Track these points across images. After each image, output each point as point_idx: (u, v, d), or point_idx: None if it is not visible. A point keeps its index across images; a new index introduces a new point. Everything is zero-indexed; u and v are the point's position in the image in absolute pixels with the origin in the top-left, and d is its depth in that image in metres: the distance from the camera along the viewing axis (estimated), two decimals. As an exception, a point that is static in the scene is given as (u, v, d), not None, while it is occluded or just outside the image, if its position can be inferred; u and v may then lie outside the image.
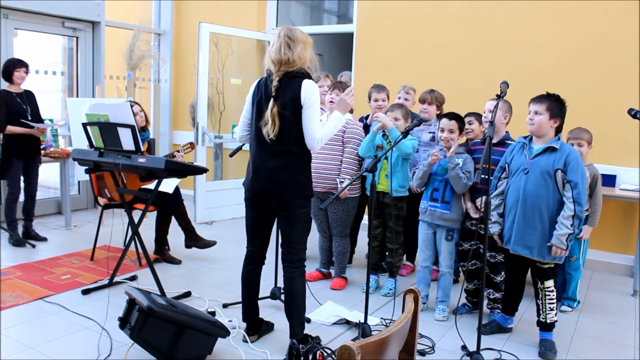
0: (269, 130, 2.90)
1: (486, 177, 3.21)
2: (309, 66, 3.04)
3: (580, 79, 4.99)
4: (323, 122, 3.05)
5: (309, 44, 3.01)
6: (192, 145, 4.99)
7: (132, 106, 4.72)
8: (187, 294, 4.00)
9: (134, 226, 3.97)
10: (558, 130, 3.23)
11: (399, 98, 4.60)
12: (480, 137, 3.90)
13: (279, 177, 2.98)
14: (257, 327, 3.34)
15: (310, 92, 2.91)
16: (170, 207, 4.74)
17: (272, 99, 2.92)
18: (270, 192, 3.02)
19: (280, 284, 3.80)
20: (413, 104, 4.63)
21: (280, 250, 3.28)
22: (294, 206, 3.01)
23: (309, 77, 2.97)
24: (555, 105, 3.18)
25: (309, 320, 3.52)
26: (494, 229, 3.39)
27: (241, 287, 3.29)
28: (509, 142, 3.62)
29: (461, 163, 3.64)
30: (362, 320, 3.40)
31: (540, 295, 3.32)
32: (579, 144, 3.96)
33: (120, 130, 3.68)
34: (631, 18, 4.77)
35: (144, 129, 4.90)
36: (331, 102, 4.16)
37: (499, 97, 3.22)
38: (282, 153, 2.96)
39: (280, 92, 2.92)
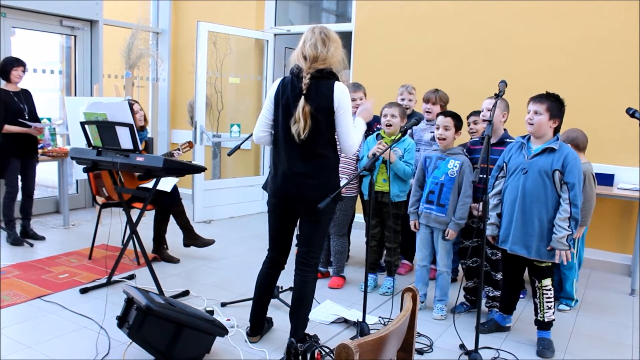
0: (300, 129, 2.82)
1: (484, 176, 3.21)
2: (337, 68, 2.97)
3: (578, 79, 4.99)
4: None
5: (340, 44, 2.96)
6: (190, 145, 4.99)
7: (132, 105, 4.72)
8: (186, 293, 4.00)
9: (132, 225, 3.96)
10: (557, 130, 3.23)
11: (402, 100, 4.58)
12: None
13: (311, 183, 2.92)
14: (260, 328, 3.33)
15: (342, 96, 2.86)
16: (169, 206, 4.74)
17: (303, 97, 2.84)
18: (301, 197, 2.95)
19: (280, 282, 3.81)
20: (416, 102, 4.64)
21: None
22: (323, 211, 2.94)
23: (338, 79, 2.91)
24: (555, 105, 3.18)
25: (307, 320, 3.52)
26: (489, 230, 3.38)
27: (255, 289, 3.26)
28: (508, 140, 3.62)
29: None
30: (361, 319, 3.40)
31: (538, 294, 3.32)
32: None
33: (119, 129, 3.67)
34: (629, 18, 4.77)
35: (142, 129, 4.90)
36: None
37: (498, 96, 3.21)
38: (313, 157, 2.91)
39: (312, 92, 2.84)
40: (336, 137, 2.99)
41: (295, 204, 3.01)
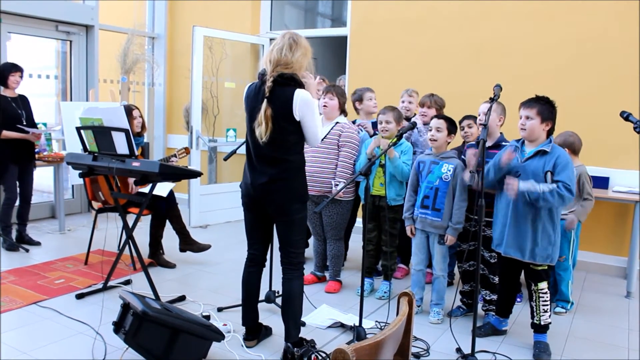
0: (262, 132, 2.87)
1: (479, 176, 3.20)
2: (303, 73, 3.01)
3: (574, 82, 5.01)
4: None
5: (309, 52, 3.00)
6: (187, 150, 4.97)
7: (131, 110, 4.72)
8: (182, 298, 3.99)
9: (128, 230, 3.96)
10: (549, 133, 3.25)
11: (403, 102, 4.62)
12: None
13: (274, 186, 2.97)
14: (256, 332, 3.33)
15: (303, 104, 2.88)
16: (165, 211, 4.73)
17: (265, 100, 2.88)
18: (265, 199, 3.02)
19: (275, 287, 3.81)
20: (417, 106, 4.64)
21: (276, 253, 3.28)
22: (290, 212, 3.02)
23: (301, 85, 2.94)
24: (545, 108, 3.19)
25: (303, 324, 3.52)
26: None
27: (242, 290, 3.28)
28: (504, 144, 3.63)
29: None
30: (357, 324, 3.39)
31: (534, 297, 3.33)
32: None
33: (115, 134, 3.67)
34: (625, 21, 4.80)
35: (139, 135, 4.88)
36: (324, 106, 4.16)
37: (493, 100, 3.23)
38: (277, 161, 2.96)
39: (274, 96, 2.88)
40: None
41: (264, 205, 3.06)
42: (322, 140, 4.13)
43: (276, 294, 3.85)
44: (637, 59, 4.78)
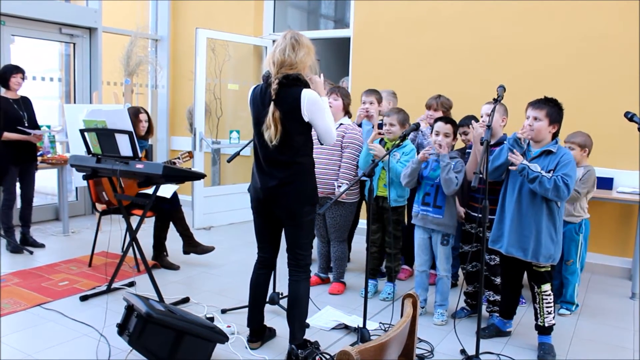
0: (272, 135, 2.85)
1: (483, 176, 3.19)
2: (308, 73, 3.00)
3: (577, 82, 5.00)
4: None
5: (312, 50, 2.98)
6: (190, 155, 4.96)
7: (138, 113, 4.72)
8: (186, 300, 3.99)
9: (132, 232, 3.96)
10: (555, 135, 3.24)
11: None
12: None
13: (284, 189, 2.96)
14: (260, 334, 3.33)
15: (310, 103, 2.87)
16: (168, 213, 4.74)
17: (272, 103, 2.86)
18: (275, 202, 3.01)
19: (279, 289, 3.81)
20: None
21: (281, 255, 3.28)
22: (300, 214, 3.00)
23: (307, 85, 2.92)
24: (554, 110, 3.18)
25: (307, 325, 3.51)
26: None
27: (249, 292, 3.28)
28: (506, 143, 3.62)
29: (453, 164, 3.62)
30: (361, 325, 3.39)
31: (538, 299, 3.32)
32: (570, 147, 3.96)
33: (118, 136, 3.68)
34: (628, 21, 4.79)
35: (144, 138, 4.87)
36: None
37: (496, 100, 3.22)
38: (286, 164, 2.94)
39: (280, 98, 2.86)
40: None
41: (273, 209, 3.05)
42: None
43: (280, 296, 3.85)
44: (638, 59, 4.76)
